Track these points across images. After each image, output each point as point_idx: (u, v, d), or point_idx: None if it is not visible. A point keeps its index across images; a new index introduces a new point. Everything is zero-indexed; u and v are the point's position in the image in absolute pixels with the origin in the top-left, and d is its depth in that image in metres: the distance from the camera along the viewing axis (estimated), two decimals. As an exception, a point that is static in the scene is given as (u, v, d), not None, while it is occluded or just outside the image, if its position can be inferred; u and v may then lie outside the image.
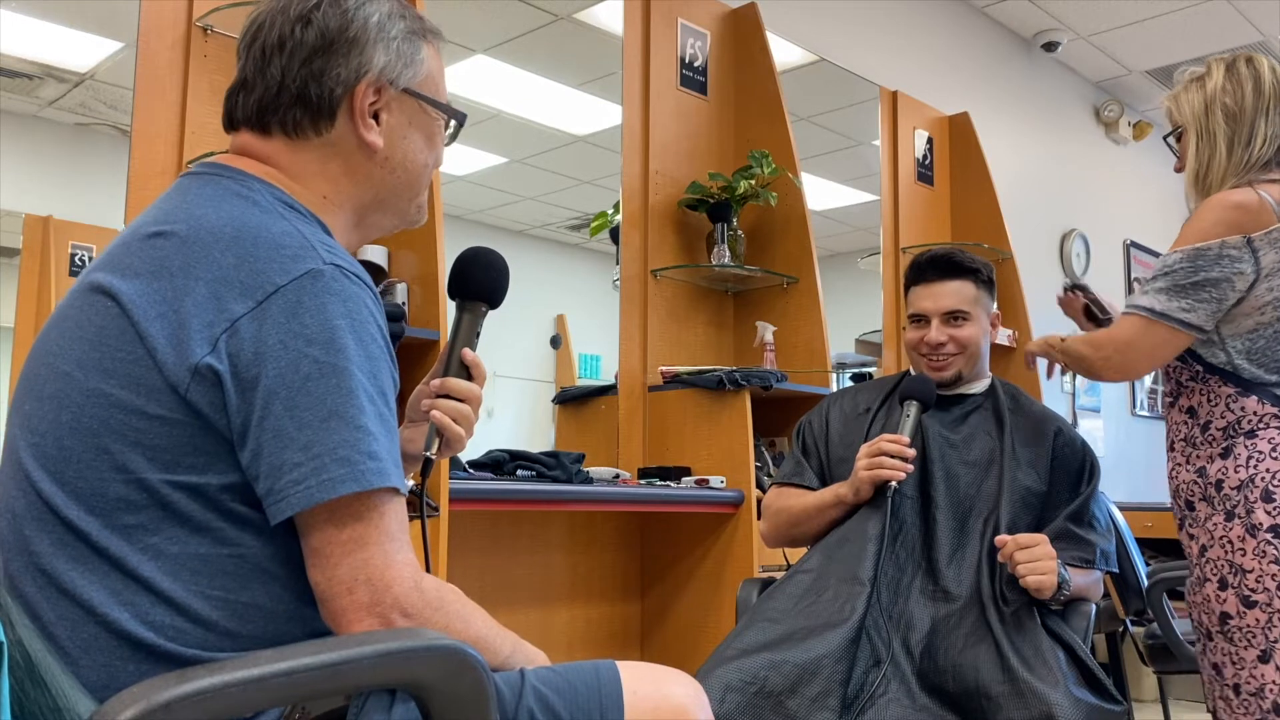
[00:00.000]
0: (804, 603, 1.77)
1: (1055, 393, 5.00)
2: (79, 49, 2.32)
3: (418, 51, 1.12)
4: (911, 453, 1.86)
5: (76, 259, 2.24)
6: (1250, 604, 1.70)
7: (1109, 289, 5.65)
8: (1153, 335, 1.71)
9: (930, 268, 2.01)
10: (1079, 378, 5.17)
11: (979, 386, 2.04)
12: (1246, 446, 1.72)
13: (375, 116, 1.09)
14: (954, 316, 1.98)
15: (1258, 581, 1.69)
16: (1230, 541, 1.73)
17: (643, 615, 3.14)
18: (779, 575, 1.93)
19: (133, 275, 0.96)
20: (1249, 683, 1.71)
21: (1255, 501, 1.70)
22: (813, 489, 2.02)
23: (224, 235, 0.97)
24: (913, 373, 2.06)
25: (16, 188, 2.16)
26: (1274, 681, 1.66)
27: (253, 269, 0.94)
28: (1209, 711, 1.85)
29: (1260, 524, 1.69)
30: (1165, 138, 1.97)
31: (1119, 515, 2.90)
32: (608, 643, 3.04)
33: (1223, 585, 1.74)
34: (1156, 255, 6.07)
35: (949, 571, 1.81)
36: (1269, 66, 1.81)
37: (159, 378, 0.92)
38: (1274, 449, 1.71)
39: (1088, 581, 1.82)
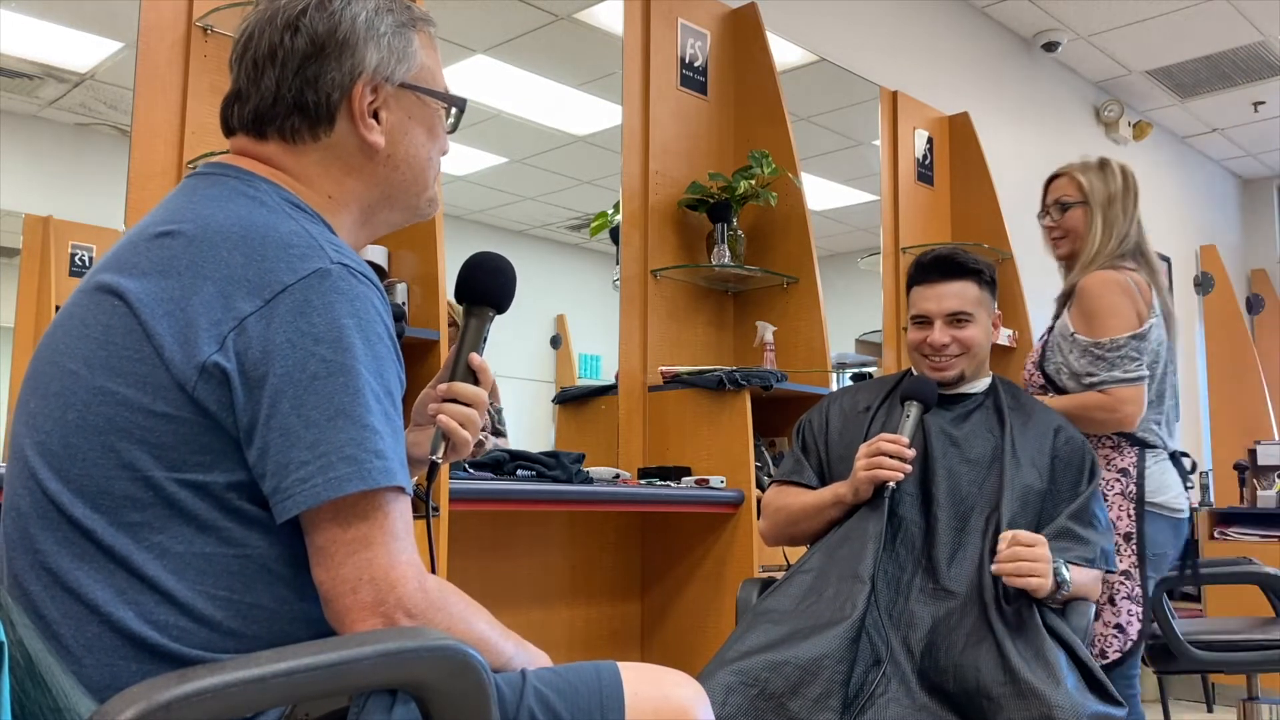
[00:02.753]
0: (806, 603, 1.77)
1: (1055, 393, 4.99)
2: (79, 49, 2.32)
3: (409, 44, 1.11)
4: (911, 453, 1.85)
5: (76, 259, 2.24)
6: None
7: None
8: (1141, 392, 2.28)
9: (933, 268, 2.01)
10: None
11: (980, 385, 2.04)
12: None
13: (375, 115, 1.09)
14: (957, 318, 1.98)
15: None
16: None
17: (643, 615, 3.14)
18: (779, 575, 1.93)
19: (140, 274, 0.96)
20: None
21: None
22: (812, 487, 2.01)
23: (231, 234, 0.96)
24: (914, 373, 2.06)
25: (16, 188, 2.16)
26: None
27: (260, 268, 0.94)
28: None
29: None
30: (1059, 201, 2.49)
31: (1119, 515, 2.89)
32: (608, 643, 3.04)
33: None
34: (1157, 255, 6.06)
35: (949, 570, 1.81)
36: (1135, 181, 2.48)
37: (166, 376, 0.92)
38: (1107, 463, 2.31)
39: (1088, 580, 1.82)
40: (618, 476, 2.87)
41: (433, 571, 1.02)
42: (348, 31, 1.06)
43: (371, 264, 2.43)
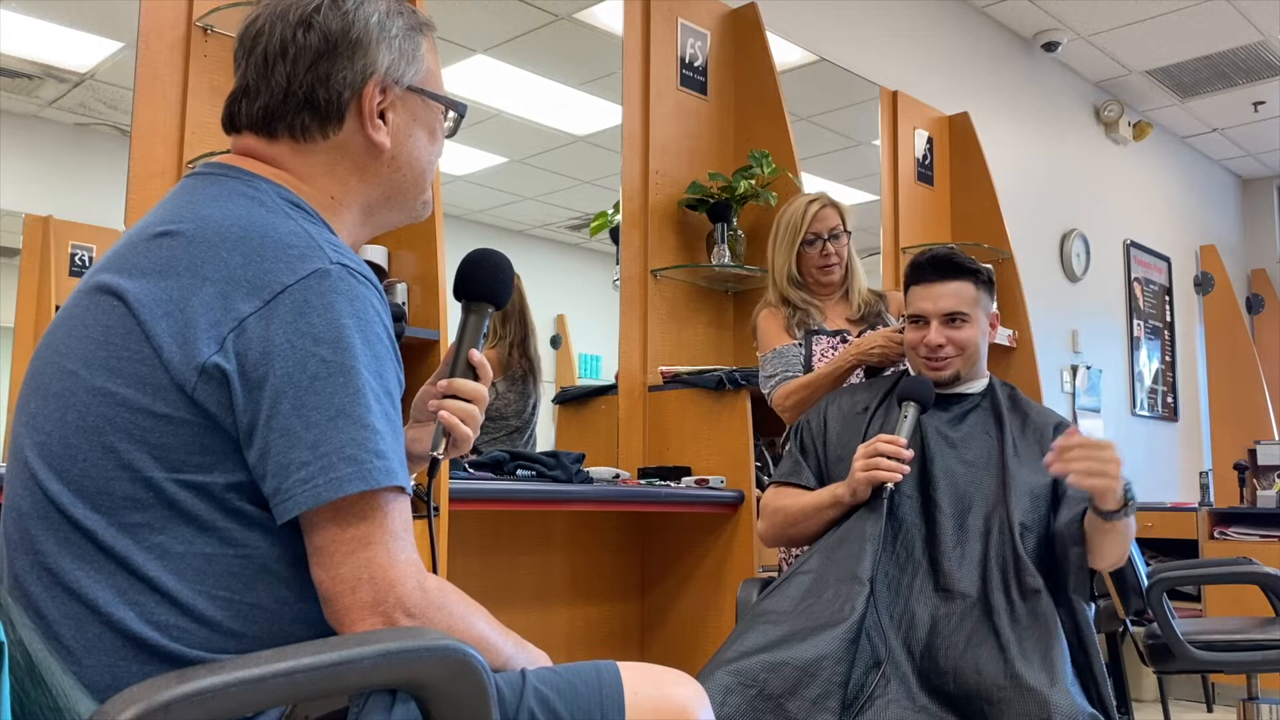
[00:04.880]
0: (804, 604, 1.76)
1: (1055, 393, 5.00)
2: (79, 49, 2.32)
3: (418, 48, 1.12)
4: (908, 454, 1.85)
5: (76, 259, 2.24)
6: None
7: (1109, 289, 5.65)
8: None
9: (930, 268, 2.01)
10: (1078, 377, 5.18)
11: (977, 386, 2.04)
12: None
13: (381, 116, 1.10)
14: (953, 318, 1.98)
15: None
16: None
17: (643, 615, 3.14)
18: (778, 575, 1.92)
19: (139, 275, 0.96)
20: None
21: None
22: (810, 488, 2.01)
23: (231, 234, 0.97)
24: (911, 373, 2.06)
25: (16, 188, 2.16)
26: None
27: (260, 268, 0.94)
28: None
29: None
30: (833, 232, 2.58)
31: (1119, 515, 2.90)
32: (608, 643, 3.04)
33: None
34: (1157, 255, 6.08)
35: (950, 570, 1.80)
36: None
37: (165, 377, 0.92)
38: None
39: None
40: (618, 476, 2.87)
41: (434, 571, 1.02)
42: (361, 31, 1.07)
43: (371, 264, 2.43)
